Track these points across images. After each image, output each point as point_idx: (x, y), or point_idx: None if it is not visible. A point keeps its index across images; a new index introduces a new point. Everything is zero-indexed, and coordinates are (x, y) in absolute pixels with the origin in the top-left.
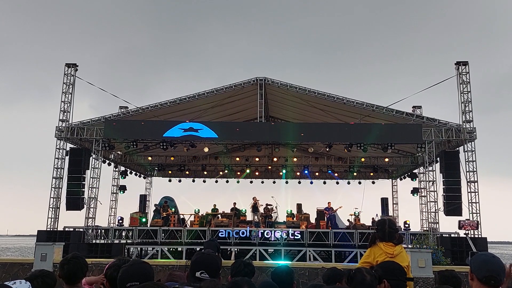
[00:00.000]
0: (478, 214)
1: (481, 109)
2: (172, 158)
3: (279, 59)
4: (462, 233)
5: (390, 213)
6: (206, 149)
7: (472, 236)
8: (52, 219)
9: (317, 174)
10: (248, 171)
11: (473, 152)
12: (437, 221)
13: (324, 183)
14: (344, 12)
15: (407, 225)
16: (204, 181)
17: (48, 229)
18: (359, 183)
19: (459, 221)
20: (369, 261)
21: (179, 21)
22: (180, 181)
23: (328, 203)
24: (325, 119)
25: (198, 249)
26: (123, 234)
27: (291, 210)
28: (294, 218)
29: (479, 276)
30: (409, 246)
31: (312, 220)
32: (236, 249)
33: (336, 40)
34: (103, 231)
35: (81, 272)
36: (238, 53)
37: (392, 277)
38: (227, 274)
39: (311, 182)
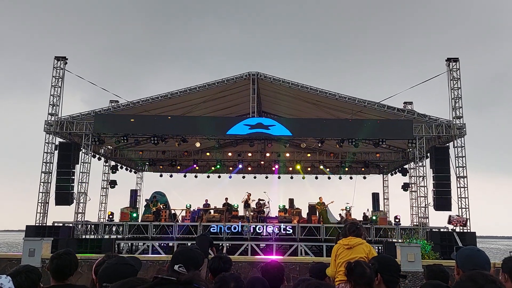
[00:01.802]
0: (467, 209)
1: (472, 105)
2: (163, 153)
3: (274, 51)
4: (450, 227)
5: (381, 208)
6: (197, 144)
7: (461, 230)
8: (41, 214)
9: (309, 169)
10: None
11: (463, 148)
12: (427, 216)
13: (316, 178)
14: (338, 5)
15: (397, 220)
16: (195, 176)
17: (37, 224)
18: (351, 178)
19: (450, 216)
20: (334, 260)
21: (173, 14)
22: (171, 176)
23: (320, 198)
24: (318, 114)
25: (189, 244)
26: (113, 229)
27: (283, 205)
28: (286, 213)
29: (464, 270)
30: (399, 240)
31: (304, 215)
32: (228, 244)
33: (330, 33)
34: (93, 226)
35: (69, 270)
36: (232, 45)
37: (387, 272)
38: None
39: (303, 177)
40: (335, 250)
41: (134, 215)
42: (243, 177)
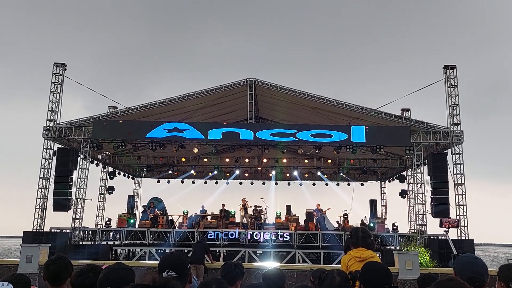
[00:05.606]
0: (465, 217)
1: (471, 113)
2: (161, 159)
3: (276, 60)
4: (442, 230)
5: (379, 215)
6: (195, 150)
7: (459, 238)
8: (39, 220)
9: (306, 175)
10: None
11: (461, 155)
12: (425, 223)
13: (314, 184)
14: (338, 14)
15: (395, 227)
16: (193, 182)
17: (34, 230)
18: (348, 185)
19: (441, 219)
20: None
21: (176, 20)
22: (169, 182)
23: (317, 204)
24: (316, 121)
25: (186, 250)
26: (111, 235)
27: (280, 212)
28: (283, 220)
29: (463, 278)
30: (397, 248)
31: (301, 221)
32: (224, 251)
33: (330, 41)
34: (90, 232)
35: (66, 273)
36: (235, 53)
37: (371, 280)
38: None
39: (301, 184)
40: (345, 262)
41: (132, 221)
42: (240, 183)
